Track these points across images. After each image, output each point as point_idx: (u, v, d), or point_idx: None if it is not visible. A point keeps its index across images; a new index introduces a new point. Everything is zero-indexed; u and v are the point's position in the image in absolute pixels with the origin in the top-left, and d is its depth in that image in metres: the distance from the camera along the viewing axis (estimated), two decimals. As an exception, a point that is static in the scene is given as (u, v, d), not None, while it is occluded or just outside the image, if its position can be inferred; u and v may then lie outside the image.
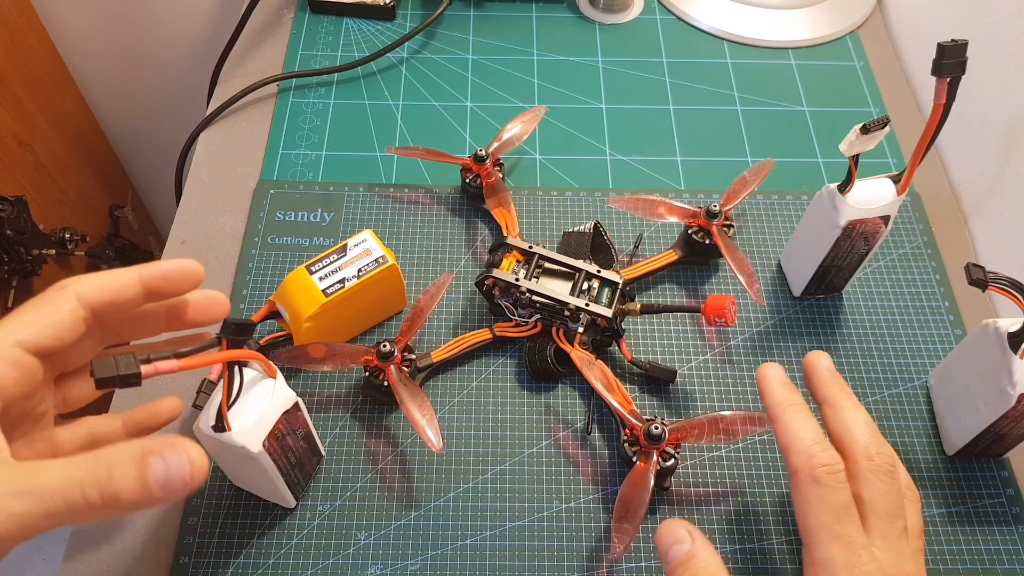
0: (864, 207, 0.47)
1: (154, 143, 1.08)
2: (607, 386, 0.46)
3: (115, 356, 0.31)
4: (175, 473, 0.28)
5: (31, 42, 0.89)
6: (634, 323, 0.54)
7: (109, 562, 0.44)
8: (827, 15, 0.72)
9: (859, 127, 0.42)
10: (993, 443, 0.46)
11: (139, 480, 0.28)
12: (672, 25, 0.73)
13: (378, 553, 0.45)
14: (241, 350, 0.37)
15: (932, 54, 0.39)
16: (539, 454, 0.49)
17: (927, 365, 0.52)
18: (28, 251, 0.84)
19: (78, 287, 0.34)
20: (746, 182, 0.55)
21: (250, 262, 0.56)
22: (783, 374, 0.41)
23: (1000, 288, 0.41)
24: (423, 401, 0.45)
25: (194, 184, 0.61)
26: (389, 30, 0.72)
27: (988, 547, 0.46)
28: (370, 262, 0.49)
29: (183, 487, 0.28)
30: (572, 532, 0.46)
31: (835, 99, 0.67)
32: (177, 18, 0.92)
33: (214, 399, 0.39)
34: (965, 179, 0.61)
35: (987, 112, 0.59)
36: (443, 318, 0.54)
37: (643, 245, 0.57)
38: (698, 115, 0.66)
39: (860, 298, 0.55)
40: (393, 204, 0.59)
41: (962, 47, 0.39)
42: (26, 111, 0.88)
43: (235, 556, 0.45)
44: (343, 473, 0.47)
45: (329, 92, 0.67)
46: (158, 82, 1.00)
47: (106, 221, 1.06)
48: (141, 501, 0.28)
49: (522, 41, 0.71)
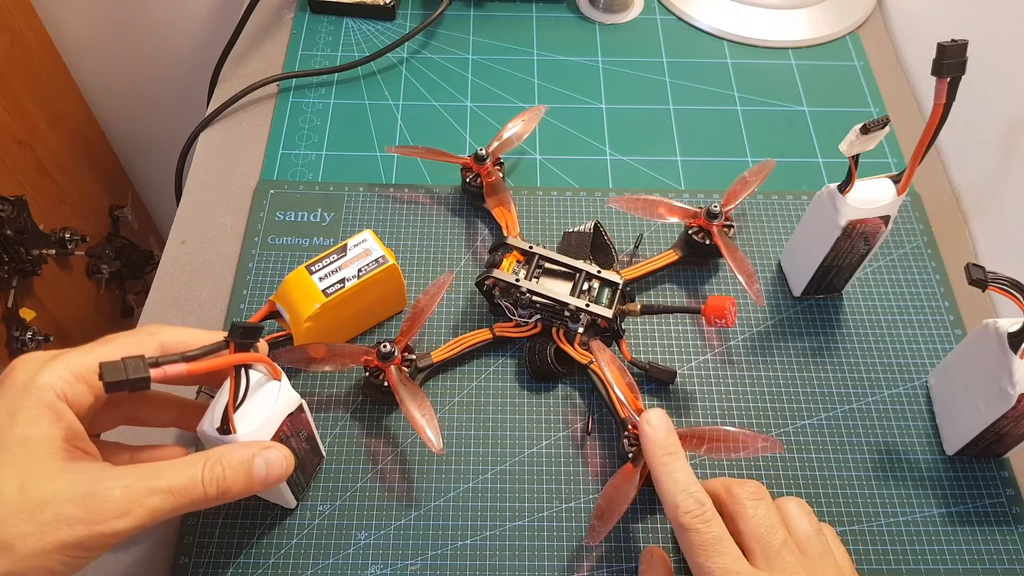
0: (864, 207, 0.47)
1: (154, 143, 1.08)
2: (620, 368, 0.47)
3: (124, 360, 0.31)
4: (274, 470, 0.38)
5: (31, 42, 0.89)
6: (634, 323, 0.54)
7: (109, 562, 0.44)
8: (827, 15, 0.72)
9: (859, 127, 0.42)
10: (993, 443, 0.46)
11: (247, 477, 0.36)
12: (672, 25, 0.73)
13: (378, 553, 0.45)
14: (249, 353, 0.37)
15: (932, 54, 0.39)
16: (539, 454, 0.49)
17: (927, 365, 0.52)
18: (28, 251, 0.84)
19: (163, 336, 0.38)
20: (746, 182, 0.55)
21: (250, 262, 0.56)
22: (665, 420, 0.42)
23: (1000, 288, 0.41)
24: (423, 401, 0.45)
25: (194, 184, 0.61)
26: (389, 30, 0.72)
27: (988, 547, 0.46)
28: (370, 262, 0.49)
29: (279, 480, 0.38)
30: (572, 532, 0.46)
31: (835, 99, 0.67)
32: (177, 18, 0.92)
33: (219, 401, 0.39)
34: (965, 179, 0.61)
35: (987, 112, 0.59)
36: (443, 318, 0.54)
37: (643, 245, 0.57)
38: (698, 115, 0.66)
39: (860, 298, 0.55)
40: (393, 204, 0.59)
41: (962, 47, 0.39)
42: (26, 111, 0.88)
43: (235, 556, 0.45)
44: (343, 473, 0.47)
45: (329, 92, 0.67)
46: (158, 82, 1.00)
47: (106, 221, 1.06)
48: (246, 492, 0.37)
49: (522, 41, 0.71)
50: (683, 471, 0.39)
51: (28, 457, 0.33)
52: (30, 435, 0.33)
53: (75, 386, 0.35)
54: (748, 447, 0.43)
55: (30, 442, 0.33)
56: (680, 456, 0.40)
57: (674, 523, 0.38)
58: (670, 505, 0.38)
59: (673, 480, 0.39)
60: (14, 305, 0.84)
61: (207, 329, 0.41)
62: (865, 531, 0.46)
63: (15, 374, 0.35)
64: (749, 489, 0.40)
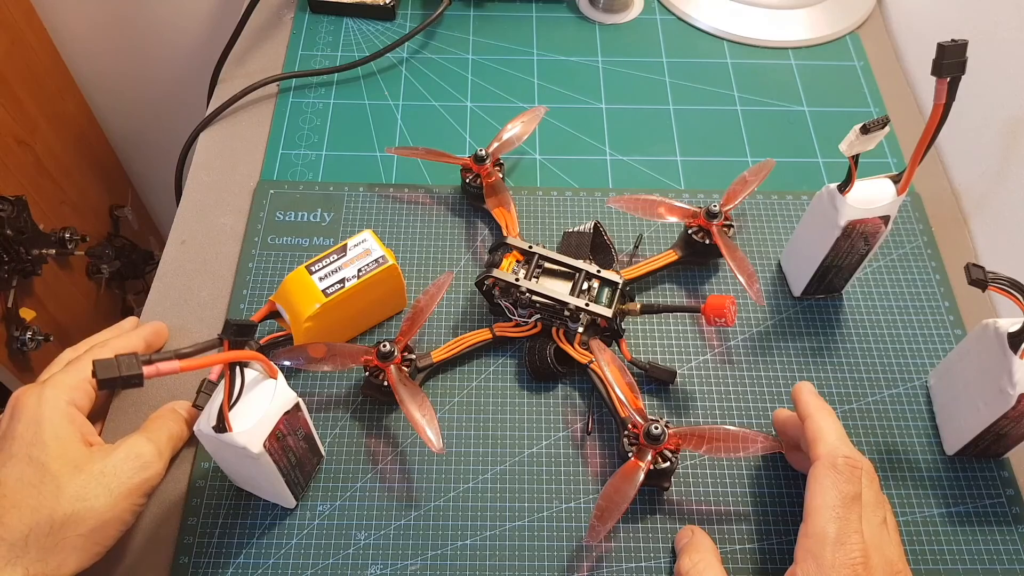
0: (864, 207, 0.47)
1: (154, 143, 1.08)
2: (620, 368, 0.47)
3: (117, 357, 0.32)
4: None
5: (31, 42, 0.89)
6: (634, 323, 0.54)
7: (109, 562, 0.44)
8: (827, 15, 0.72)
9: (859, 127, 0.42)
10: (993, 443, 0.46)
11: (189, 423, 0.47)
12: (672, 25, 0.73)
13: (378, 553, 0.45)
14: (242, 351, 0.37)
15: (932, 54, 0.39)
16: (539, 454, 0.49)
17: (927, 365, 0.52)
18: (28, 251, 0.84)
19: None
20: (746, 182, 0.55)
21: (250, 262, 0.56)
22: (815, 390, 0.45)
23: (1000, 288, 0.41)
24: (423, 401, 0.45)
25: (194, 184, 0.61)
26: (389, 30, 0.72)
27: (988, 547, 0.46)
28: (370, 262, 0.49)
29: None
30: (572, 532, 0.46)
31: (835, 99, 0.67)
32: (177, 18, 0.92)
33: (215, 399, 0.39)
34: (965, 179, 0.61)
35: (987, 112, 0.59)
36: (443, 318, 0.54)
37: (643, 245, 0.57)
38: (698, 115, 0.66)
39: (860, 298, 0.55)
40: (393, 204, 0.59)
41: (962, 47, 0.39)
42: (26, 111, 0.87)
43: (235, 556, 0.45)
44: (343, 473, 0.47)
45: (329, 92, 0.67)
46: (158, 82, 1.00)
47: (106, 221, 1.06)
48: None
49: (522, 41, 0.71)
50: (841, 426, 0.42)
51: (64, 450, 0.41)
52: (59, 434, 0.41)
53: (77, 391, 0.43)
54: (748, 447, 0.43)
55: (60, 438, 0.41)
56: (835, 414, 0.43)
57: (825, 459, 0.40)
58: (829, 445, 0.40)
59: (836, 427, 0.42)
60: (14, 305, 0.84)
61: (207, 329, 0.42)
62: (865, 531, 0.46)
63: (24, 399, 0.42)
64: (868, 464, 0.41)
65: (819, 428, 0.42)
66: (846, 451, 0.40)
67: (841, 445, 0.40)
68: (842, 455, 0.40)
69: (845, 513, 0.38)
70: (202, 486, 0.47)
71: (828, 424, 0.42)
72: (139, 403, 0.50)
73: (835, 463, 0.39)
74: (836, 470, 0.39)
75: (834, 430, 0.41)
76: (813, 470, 0.40)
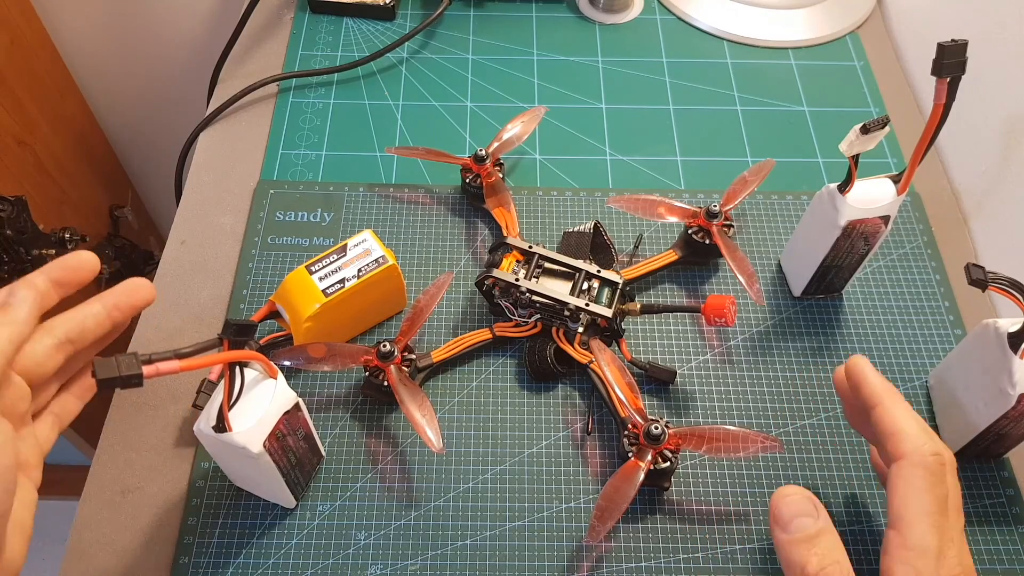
0: (864, 207, 0.47)
1: (154, 143, 1.08)
2: (620, 368, 0.47)
3: (116, 357, 0.32)
4: None
5: (31, 42, 0.89)
6: (634, 323, 0.54)
7: (109, 562, 0.44)
8: (827, 15, 0.72)
9: (859, 127, 0.42)
10: (993, 443, 0.46)
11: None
12: (672, 25, 0.73)
13: (378, 553, 0.45)
14: (242, 351, 0.37)
15: (932, 54, 0.39)
16: (539, 454, 0.49)
17: (927, 365, 0.52)
18: (28, 251, 0.84)
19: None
20: (746, 182, 0.55)
21: (250, 262, 0.56)
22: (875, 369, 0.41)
23: (1000, 288, 0.41)
24: (423, 401, 0.45)
25: (194, 184, 0.61)
26: (389, 30, 0.72)
27: (988, 547, 0.46)
28: (370, 262, 0.49)
29: None
30: (572, 532, 0.46)
31: (835, 99, 0.67)
32: (177, 18, 0.92)
33: (215, 399, 0.39)
34: (965, 179, 0.61)
35: (987, 112, 0.59)
36: (443, 318, 0.54)
37: (643, 245, 0.57)
38: (698, 115, 0.66)
39: (860, 298, 0.55)
40: (393, 204, 0.59)
41: (962, 47, 0.39)
42: (26, 111, 0.87)
43: (235, 556, 0.45)
44: (343, 473, 0.47)
45: (329, 92, 0.67)
46: (158, 82, 1.00)
47: (106, 221, 1.06)
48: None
49: (522, 41, 0.71)
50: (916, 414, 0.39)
51: None
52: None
53: None
54: (748, 447, 0.43)
55: None
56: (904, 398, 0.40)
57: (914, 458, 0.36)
58: (914, 440, 0.37)
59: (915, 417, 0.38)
60: (14, 305, 0.83)
61: (207, 329, 0.41)
62: (865, 531, 0.46)
63: None
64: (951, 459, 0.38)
65: (895, 419, 0.38)
66: (932, 446, 0.37)
67: (927, 439, 0.37)
68: (930, 452, 0.36)
69: (942, 521, 0.35)
70: (202, 486, 0.47)
71: (904, 413, 0.38)
72: (139, 403, 0.50)
73: (926, 462, 0.36)
74: (929, 471, 0.36)
75: (914, 420, 0.38)
76: (899, 470, 0.37)
